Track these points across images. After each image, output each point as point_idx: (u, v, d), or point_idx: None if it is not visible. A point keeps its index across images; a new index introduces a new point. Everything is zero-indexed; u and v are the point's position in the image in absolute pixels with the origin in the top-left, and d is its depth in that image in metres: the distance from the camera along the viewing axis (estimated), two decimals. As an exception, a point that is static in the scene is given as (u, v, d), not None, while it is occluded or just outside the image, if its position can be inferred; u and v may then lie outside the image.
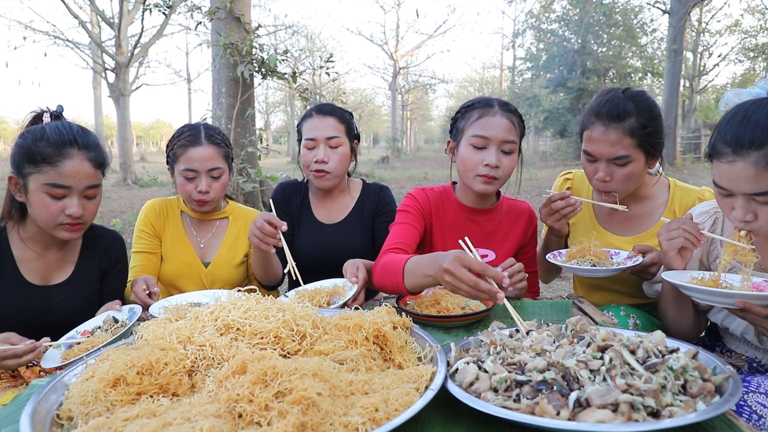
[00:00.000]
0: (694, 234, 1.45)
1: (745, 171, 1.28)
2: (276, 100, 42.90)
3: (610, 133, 1.71)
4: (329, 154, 2.10)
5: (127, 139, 16.83)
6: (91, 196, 1.64)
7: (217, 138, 2.07)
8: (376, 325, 1.12)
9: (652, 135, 1.74)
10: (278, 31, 26.91)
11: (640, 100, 1.74)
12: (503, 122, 1.79)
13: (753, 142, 1.26)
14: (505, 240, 1.97)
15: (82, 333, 1.51)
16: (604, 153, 1.74)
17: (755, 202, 1.31)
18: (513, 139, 1.80)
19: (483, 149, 1.80)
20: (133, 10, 16.01)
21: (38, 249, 1.71)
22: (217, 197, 2.07)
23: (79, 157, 1.58)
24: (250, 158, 6.86)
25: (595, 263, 1.71)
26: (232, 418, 0.81)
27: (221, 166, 2.04)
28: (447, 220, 1.97)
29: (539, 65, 23.49)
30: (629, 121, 1.70)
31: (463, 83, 54.39)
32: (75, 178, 1.57)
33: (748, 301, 1.23)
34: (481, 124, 1.80)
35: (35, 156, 1.54)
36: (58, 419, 0.93)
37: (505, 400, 0.90)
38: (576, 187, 2.11)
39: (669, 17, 16.17)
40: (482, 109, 1.82)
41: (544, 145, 33.22)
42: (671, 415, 0.82)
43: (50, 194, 1.56)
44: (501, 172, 1.80)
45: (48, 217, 1.59)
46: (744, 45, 26.81)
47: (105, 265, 1.85)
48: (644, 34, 22.27)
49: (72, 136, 1.59)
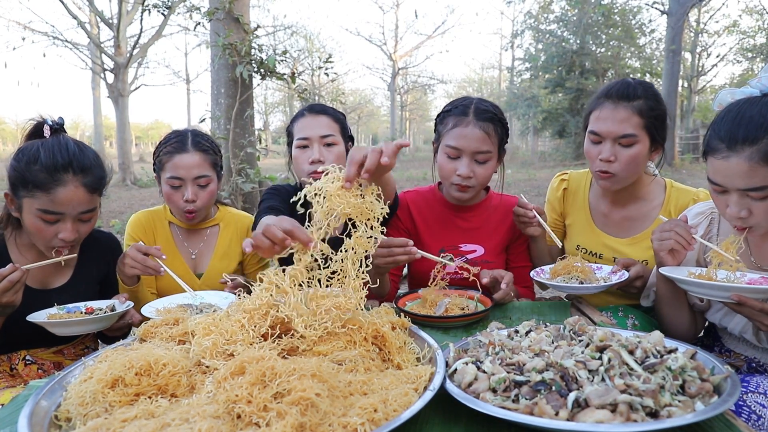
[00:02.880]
0: (685, 238, 1.46)
1: (739, 166, 1.29)
2: (275, 100, 42.92)
3: (620, 111, 1.74)
4: (324, 153, 1.93)
5: (126, 139, 16.83)
6: (85, 219, 1.62)
7: (205, 145, 1.99)
8: (374, 326, 1.12)
9: (658, 119, 1.76)
10: (277, 31, 26.89)
11: (648, 87, 1.78)
12: (476, 133, 1.76)
13: (747, 138, 1.28)
14: (494, 235, 1.97)
15: (87, 309, 1.56)
16: (611, 131, 1.75)
17: (749, 197, 1.32)
18: (487, 149, 1.78)
19: (457, 159, 1.80)
20: (132, 11, 16.00)
21: (36, 255, 1.70)
22: (204, 207, 1.99)
23: (74, 184, 1.54)
24: (249, 159, 6.85)
25: (582, 280, 1.67)
26: (230, 419, 0.81)
27: (208, 174, 1.96)
28: (434, 218, 2.00)
29: (538, 66, 23.46)
30: (638, 102, 1.74)
31: (462, 83, 54.41)
32: (69, 205, 1.54)
33: (743, 294, 1.24)
34: (455, 135, 1.78)
35: (28, 181, 1.51)
36: (57, 420, 0.93)
37: (503, 400, 0.90)
38: (572, 188, 2.11)
39: (667, 18, 16.19)
40: (457, 118, 1.80)
41: (543, 145, 33.22)
42: (670, 416, 0.82)
43: (43, 219, 1.54)
44: (475, 181, 1.80)
45: (41, 239, 1.58)
46: (742, 45, 26.87)
47: (103, 268, 1.85)
48: (643, 35, 22.29)
49: (68, 159, 1.54)
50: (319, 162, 1.92)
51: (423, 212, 2.00)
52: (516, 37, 26.47)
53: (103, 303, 1.62)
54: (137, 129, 67.53)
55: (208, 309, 1.74)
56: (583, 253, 2.01)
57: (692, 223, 1.63)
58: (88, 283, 1.80)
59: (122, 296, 1.65)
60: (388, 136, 38.06)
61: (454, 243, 1.96)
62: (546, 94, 23.77)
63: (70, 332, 1.49)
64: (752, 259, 1.51)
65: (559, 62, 22.01)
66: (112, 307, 1.59)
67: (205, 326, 1.08)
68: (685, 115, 27.89)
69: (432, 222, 1.99)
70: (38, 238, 1.58)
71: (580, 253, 2.02)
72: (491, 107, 1.83)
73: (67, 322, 1.45)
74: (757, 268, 1.49)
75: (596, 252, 1.99)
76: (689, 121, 27.14)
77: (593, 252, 1.99)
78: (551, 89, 23.13)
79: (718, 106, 1.45)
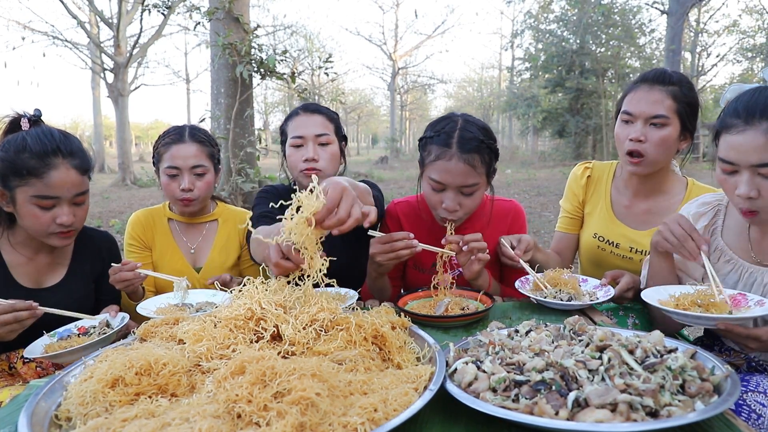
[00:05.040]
0: (689, 251, 1.45)
1: (755, 140, 1.31)
2: (275, 100, 42.95)
3: (654, 92, 1.80)
4: (319, 152, 1.93)
5: (126, 139, 16.83)
6: (79, 202, 1.64)
7: (201, 136, 2.04)
8: (374, 326, 1.13)
9: (690, 106, 1.82)
10: (277, 31, 26.89)
11: (684, 77, 1.85)
12: (460, 167, 1.66)
13: (765, 111, 1.31)
14: (489, 240, 1.94)
15: (79, 329, 1.53)
16: (644, 111, 1.80)
17: (760, 176, 1.34)
18: (473, 182, 1.69)
19: (441, 191, 1.73)
20: (132, 11, 16.01)
21: (29, 253, 1.70)
22: (201, 196, 2.02)
23: (65, 166, 1.56)
24: (248, 158, 6.85)
25: (572, 295, 1.64)
26: (231, 419, 0.81)
27: (205, 164, 2.00)
28: (425, 228, 1.95)
29: (538, 65, 23.42)
30: (673, 87, 1.80)
31: (462, 83, 54.44)
32: (63, 187, 1.56)
33: (728, 323, 1.26)
34: (437, 168, 1.69)
35: (20, 169, 1.52)
36: (57, 420, 0.93)
37: (503, 400, 0.90)
38: (595, 176, 2.14)
39: (667, 17, 16.17)
40: (440, 149, 1.69)
41: (543, 145, 33.23)
42: (670, 415, 0.82)
43: (39, 205, 1.55)
44: (462, 212, 1.75)
45: (39, 227, 1.58)
46: (742, 45, 26.83)
47: (98, 266, 1.85)
48: (643, 35, 22.26)
49: (55, 144, 1.56)
50: (313, 161, 1.92)
51: (414, 223, 1.98)
52: (516, 36, 26.46)
53: (95, 320, 1.58)
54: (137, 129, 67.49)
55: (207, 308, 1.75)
56: (600, 241, 2.03)
57: (697, 212, 1.64)
58: (81, 281, 1.80)
59: (113, 309, 1.64)
60: (388, 135, 38.04)
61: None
62: (546, 93, 23.76)
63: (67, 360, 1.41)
64: (753, 255, 1.51)
65: (559, 62, 21.99)
66: (106, 322, 1.56)
67: (195, 333, 1.09)
68: (685, 115, 27.80)
69: (423, 232, 1.94)
70: (36, 227, 1.58)
71: (597, 241, 2.03)
72: (477, 132, 1.70)
73: (68, 352, 1.38)
74: (758, 263, 1.50)
75: (613, 241, 2.00)
76: (689, 121, 27.06)
77: (610, 241, 2.01)
78: (551, 89, 23.11)
79: (725, 102, 1.47)
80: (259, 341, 1.08)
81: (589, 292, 1.69)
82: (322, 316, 1.12)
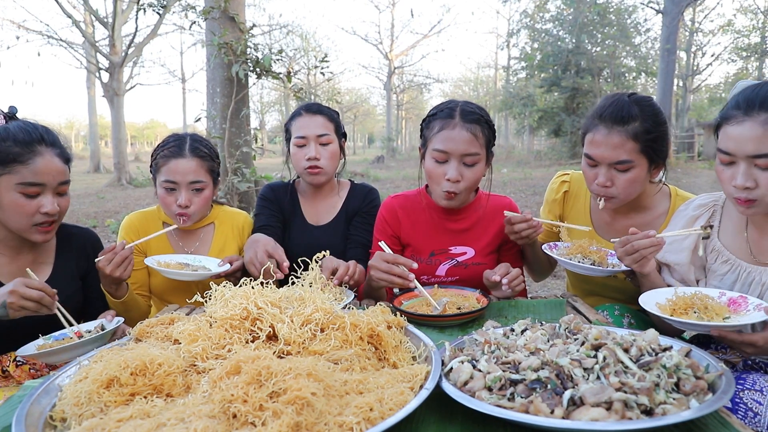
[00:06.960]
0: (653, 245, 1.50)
1: (753, 130, 1.33)
2: (271, 99, 42.90)
3: (613, 136, 1.66)
4: (320, 151, 2.10)
5: (122, 139, 16.76)
6: (62, 192, 1.65)
7: (203, 151, 2.00)
8: (370, 325, 1.12)
9: (656, 141, 1.69)
10: (273, 30, 26.87)
11: (646, 105, 1.70)
12: (464, 135, 1.74)
13: (764, 103, 1.33)
14: (483, 236, 1.96)
15: (76, 333, 1.52)
16: (605, 157, 1.69)
17: (756, 167, 1.36)
18: (475, 151, 1.76)
19: (444, 163, 1.79)
20: (127, 10, 15.95)
21: (10, 253, 1.69)
22: (198, 212, 2.00)
23: (49, 154, 1.59)
24: (245, 158, 6.83)
25: (596, 262, 1.70)
26: (226, 419, 0.80)
27: (204, 180, 1.98)
28: (423, 222, 1.99)
29: (534, 65, 23.45)
30: (633, 125, 1.66)
31: (458, 83, 54.54)
32: (48, 174, 1.57)
33: (722, 330, 1.28)
34: (441, 138, 1.77)
35: (5, 156, 1.53)
36: (52, 420, 0.92)
37: (499, 398, 0.90)
38: (573, 190, 2.07)
39: (662, 17, 16.22)
40: (443, 121, 1.79)
41: (539, 144, 33.25)
42: (664, 413, 0.82)
43: (24, 193, 1.55)
44: (463, 185, 1.79)
45: (22, 218, 1.58)
46: (737, 44, 26.96)
47: (83, 264, 1.84)
48: (638, 34, 22.34)
49: (38, 134, 1.59)
50: (315, 159, 2.09)
51: (411, 216, 2.00)
52: (512, 36, 26.45)
53: (91, 324, 1.59)
54: (132, 128, 67.33)
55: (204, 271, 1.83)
56: None
57: (694, 215, 1.65)
58: (68, 278, 1.79)
59: (109, 314, 1.64)
60: (385, 135, 38.03)
61: (443, 246, 1.95)
62: (542, 93, 23.78)
63: (61, 360, 1.43)
64: (751, 255, 1.52)
65: (555, 61, 22.03)
66: (102, 327, 1.56)
67: (190, 333, 1.09)
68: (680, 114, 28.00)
69: (421, 226, 1.98)
70: (19, 216, 1.57)
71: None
72: (477, 109, 1.82)
73: (61, 349, 1.39)
74: (757, 263, 1.50)
75: None
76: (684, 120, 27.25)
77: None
78: (547, 88, 23.14)
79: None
80: (255, 341, 1.07)
81: (614, 264, 1.73)
82: (317, 316, 1.12)
